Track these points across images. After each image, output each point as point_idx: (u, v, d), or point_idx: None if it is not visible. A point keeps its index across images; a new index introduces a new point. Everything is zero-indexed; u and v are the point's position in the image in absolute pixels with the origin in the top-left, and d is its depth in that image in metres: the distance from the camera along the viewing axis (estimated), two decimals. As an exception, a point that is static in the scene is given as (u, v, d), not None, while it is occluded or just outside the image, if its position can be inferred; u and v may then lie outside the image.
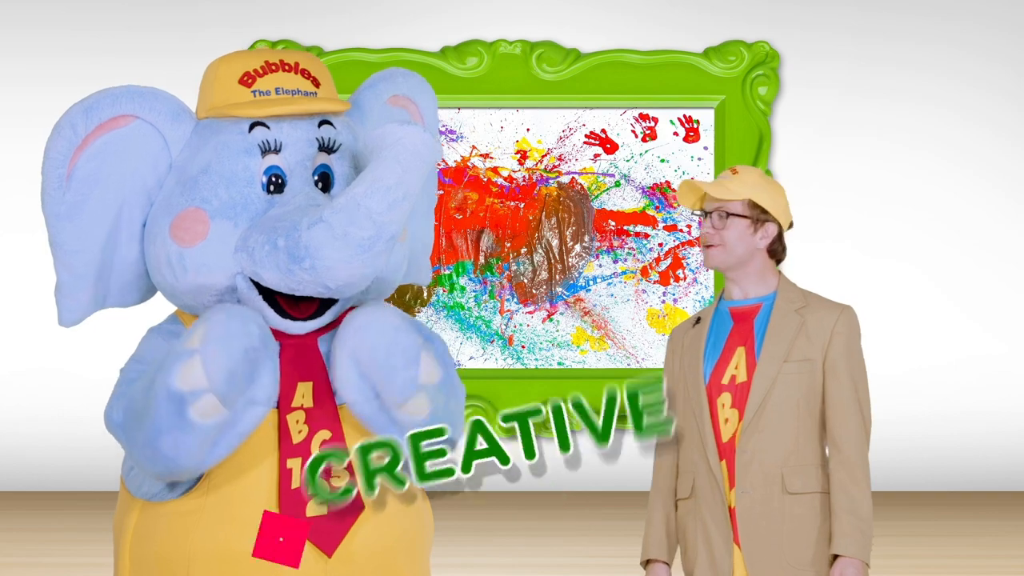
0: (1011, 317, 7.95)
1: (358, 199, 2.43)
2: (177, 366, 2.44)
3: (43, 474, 7.81)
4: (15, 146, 7.95)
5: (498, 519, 7.09)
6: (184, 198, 2.57)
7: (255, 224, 2.55)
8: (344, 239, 2.43)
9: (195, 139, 2.62)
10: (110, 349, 7.84)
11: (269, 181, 2.59)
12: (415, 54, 7.89)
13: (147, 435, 2.47)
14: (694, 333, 3.16)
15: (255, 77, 2.63)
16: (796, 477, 3.05)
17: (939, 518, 7.05)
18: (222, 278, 2.56)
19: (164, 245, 2.58)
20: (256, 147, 2.59)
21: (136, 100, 2.59)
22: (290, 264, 2.48)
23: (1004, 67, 7.94)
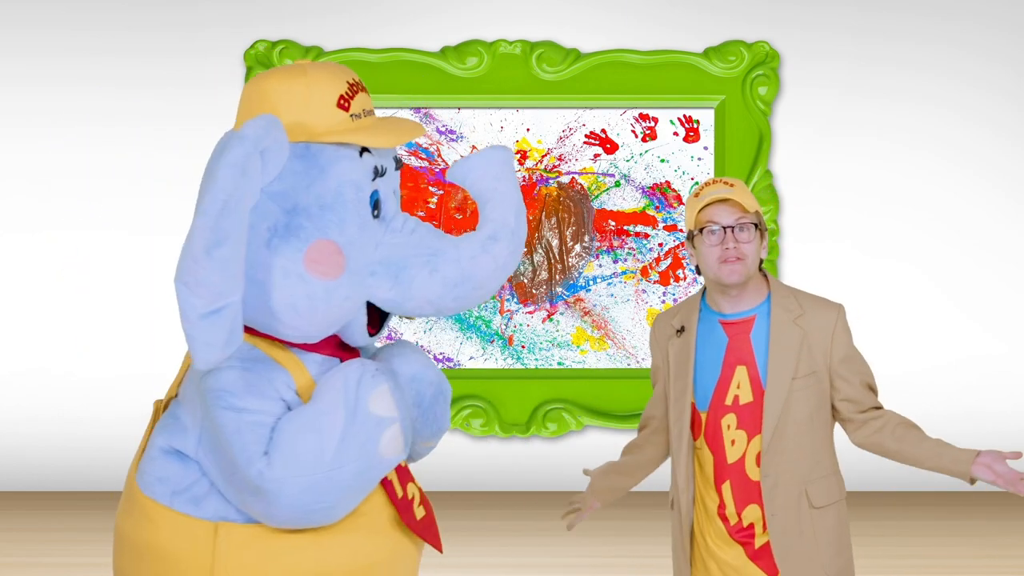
0: (1011, 317, 7.95)
1: (513, 228, 2.60)
2: (381, 434, 2.54)
3: (43, 474, 7.80)
4: (15, 146, 7.95)
5: (498, 519, 7.09)
6: (311, 229, 2.53)
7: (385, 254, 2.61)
8: (504, 269, 2.60)
9: (299, 165, 2.55)
10: (110, 349, 7.87)
11: (374, 204, 2.63)
12: (415, 54, 7.89)
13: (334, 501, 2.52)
14: (681, 345, 3.11)
15: (349, 100, 2.62)
16: (819, 491, 3.05)
17: (939, 518, 7.05)
18: (356, 308, 2.61)
19: (302, 281, 2.52)
20: (371, 172, 2.61)
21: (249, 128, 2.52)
22: (443, 293, 2.60)
23: (1004, 67, 7.94)
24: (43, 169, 7.92)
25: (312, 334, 2.60)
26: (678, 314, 3.18)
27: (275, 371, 2.58)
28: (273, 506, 2.48)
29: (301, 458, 2.47)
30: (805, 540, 3.02)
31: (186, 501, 2.58)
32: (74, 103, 7.87)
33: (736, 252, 3.02)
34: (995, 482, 2.91)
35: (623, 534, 6.41)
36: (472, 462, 7.67)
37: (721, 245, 3.03)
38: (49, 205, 7.92)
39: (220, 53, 7.89)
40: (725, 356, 3.07)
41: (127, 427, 2.73)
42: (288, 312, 2.55)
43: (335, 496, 2.48)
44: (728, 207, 3.03)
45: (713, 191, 3.05)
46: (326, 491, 2.48)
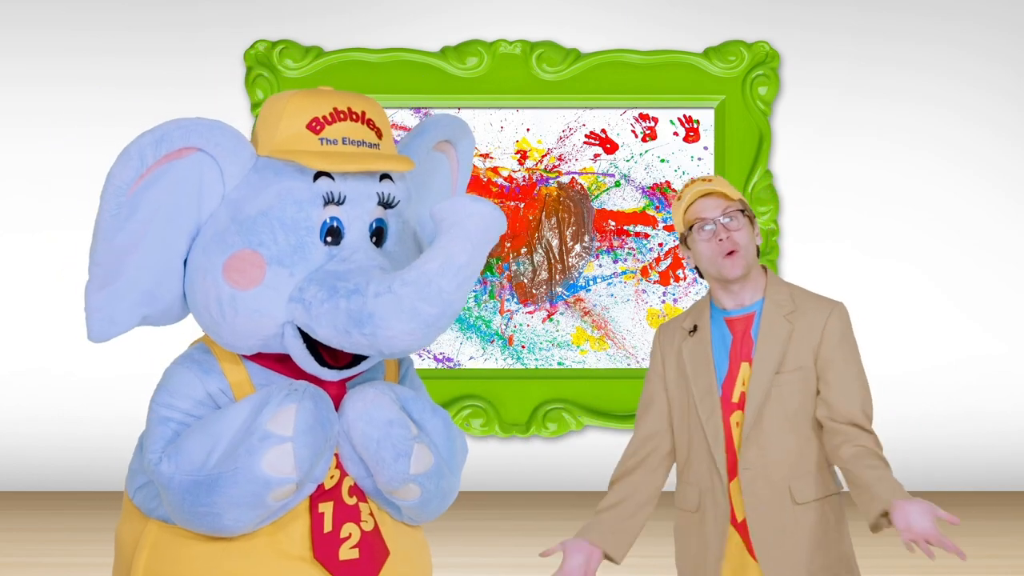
0: (1011, 317, 7.95)
1: (430, 276, 2.43)
2: (266, 451, 2.46)
3: (43, 474, 7.81)
4: (15, 146, 7.95)
5: (498, 519, 7.09)
6: (240, 238, 2.54)
7: (312, 276, 2.54)
8: (411, 313, 2.43)
9: (255, 177, 2.59)
10: (110, 349, 7.85)
11: (328, 232, 2.58)
12: (415, 54, 7.89)
13: (213, 503, 2.48)
14: (695, 343, 3.07)
15: (323, 124, 2.60)
16: (802, 487, 3.02)
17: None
18: (271, 325, 2.55)
19: (216, 284, 2.55)
20: (320, 198, 2.56)
21: (203, 134, 2.56)
22: (349, 326, 2.47)
23: (1004, 67, 7.94)
24: (43, 169, 7.92)
25: (232, 343, 2.60)
26: (688, 316, 3.14)
27: (213, 376, 2.62)
28: (166, 500, 2.55)
29: (189, 456, 2.52)
30: (787, 536, 3.00)
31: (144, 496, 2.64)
32: (74, 103, 7.87)
33: (730, 243, 2.99)
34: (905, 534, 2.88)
35: (623, 534, 6.40)
36: (472, 462, 7.59)
37: (714, 239, 3.01)
38: (49, 205, 7.92)
39: (220, 53, 7.89)
40: (731, 353, 3.05)
41: (127, 427, 2.74)
42: (205, 313, 2.59)
43: (218, 502, 2.47)
44: (712, 199, 3.02)
45: (694, 188, 3.04)
46: (207, 493, 2.47)
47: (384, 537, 2.66)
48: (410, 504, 2.66)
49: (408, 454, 2.59)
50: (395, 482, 2.60)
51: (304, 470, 2.48)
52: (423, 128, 2.96)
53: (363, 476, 2.64)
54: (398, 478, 2.59)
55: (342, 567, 2.58)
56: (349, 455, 2.62)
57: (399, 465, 2.59)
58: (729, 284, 3.04)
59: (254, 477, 2.45)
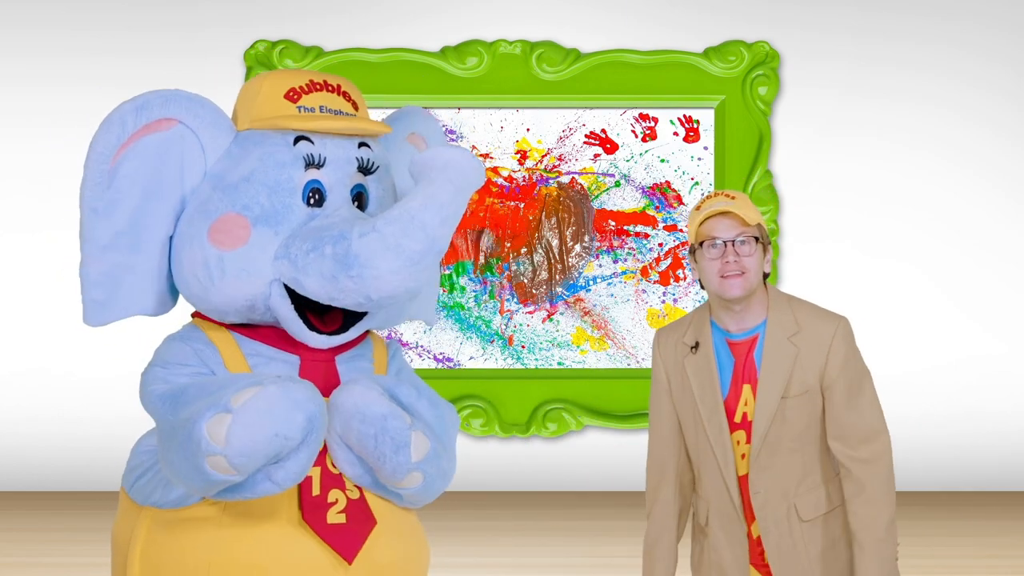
0: (1011, 317, 7.95)
1: (413, 212, 2.46)
2: (212, 413, 2.45)
3: (43, 474, 7.80)
4: (15, 146, 7.95)
5: (498, 519, 7.09)
6: (224, 203, 2.59)
7: (296, 233, 2.57)
8: (396, 250, 2.46)
9: (236, 149, 2.64)
10: (110, 349, 7.86)
11: (310, 195, 2.62)
12: (415, 54, 7.89)
13: (168, 451, 2.51)
14: (700, 361, 3.05)
15: (300, 94, 2.66)
16: (807, 504, 3.02)
17: (939, 518, 7.05)
18: (259, 284, 2.58)
19: (202, 248, 2.59)
20: (301, 159, 2.62)
21: (183, 105, 2.61)
22: (336, 271, 2.50)
23: (1004, 67, 7.94)
24: (43, 169, 7.92)
25: (219, 307, 2.63)
26: (688, 331, 3.11)
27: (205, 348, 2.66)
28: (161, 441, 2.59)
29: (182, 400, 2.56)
30: (798, 552, 3.01)
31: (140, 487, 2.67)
32: (74, 103, 7.86)
33: (737, 266, 2.97)
34: None
35: (622, 534, 6.40)
36: (472, 462, 7.65)
37: (721, 259, 2.98)
38: (49, 205, 7.91)
39: (220, 53, 7.89)
40: (733, 375, 3.04)
41: (127, 427, 2.74)
42: (193, 280, 2.62)
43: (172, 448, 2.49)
44: (729, 220, 2.98)
45: (714, 204, 3.01)
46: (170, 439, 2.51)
47: (371, 507, 2.66)
48: (413, 491, 2.66)
49: (407, 444, 2.60)
50: (399, 474, 2.60)
51: (235, 451, 2.42)
52: (393, 118, 3.02)
53: (361, 474, 2.64)
54: (401, 469, 2.60)
55: (329, 531, 2.59)
56: (345, 458, 2.62)
57: (400, 457, 2.59)
58: (730, 304, 3.02)
59: (192, 436, 2.45)
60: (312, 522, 2.58)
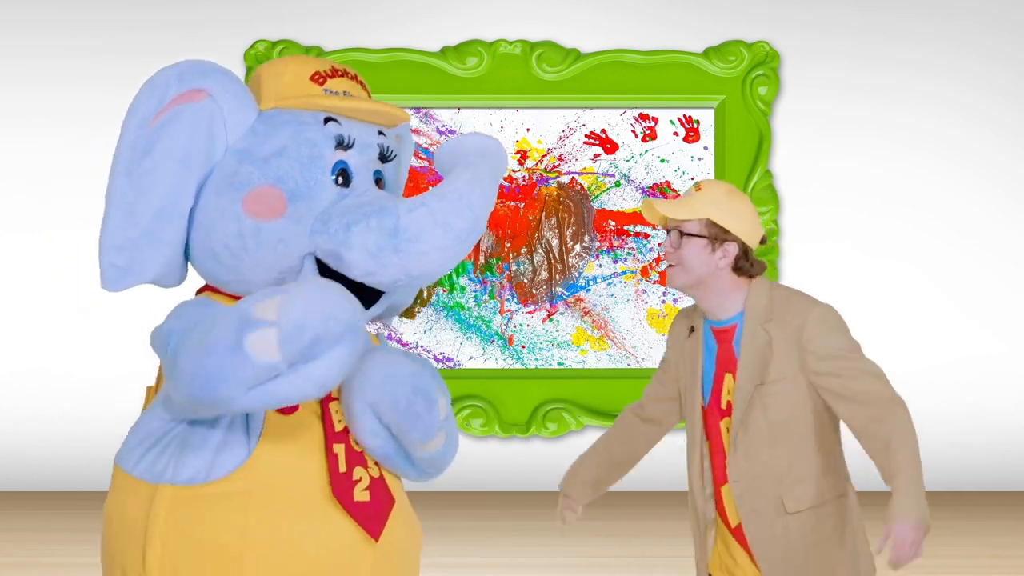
0: (1011, 317, 7.95)
1: (461, 191, 2.50)
2: (256, 298, 2.42)
3: (43, 474, 7.81)
4: (15, 146, 7.95)
5: (498, 519, 7.09)
6: (257, 175, 2.59)
7: (334, 208, 2.58)
8: (444, 227, 2.48)
9: (261, 127, 2.64)
10: (110, 350, 7.86)
11: (338, 174, 2.64)
12: (415, 54, 7.89)
13: (197, 348, 2.43)
14: (691, 345, 3.15)
15: (325, 77, 2.69)
16: (792, 497, 3.02)
17: (939, 518, 7.02)
18: (293, 257, 2.58)
19: (236, 219, 2.58)
20: (332, 139, 2.64)
21: (216, 78, 2.62)
22: (382, 244, 2.50)
23: (1004, 67, 7.94)
24: (43, 169, 7.92)
25: (250, 279, 2.62)
26: (692, 315, 3.21)
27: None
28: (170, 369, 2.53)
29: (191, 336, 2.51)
30: (779, 543, 3.02)
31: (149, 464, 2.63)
32: (74, 103, 7.87)
33: (672, 257, 3.08)
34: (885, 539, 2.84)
35: (623, 534, 6.40)
36: (472, 462, 7.66)
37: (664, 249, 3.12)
38: (49, 205, 7.92)
39: (220, 53, 7.88)
40: (716, 364, 3.09)
41: (127, 427, 2.73)
42: (224, 252, 2.61)
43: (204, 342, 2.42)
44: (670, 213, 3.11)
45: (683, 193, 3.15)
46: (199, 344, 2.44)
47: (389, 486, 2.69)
48: (435, 454, 2.68)
49: (437, 400, 2.62)
50: (431, 431, 2.62)
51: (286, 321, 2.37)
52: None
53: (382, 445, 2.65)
54: (434, 427, 2.62)
55: (356, 508, 2.60)
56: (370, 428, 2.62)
57: (433, 414, 2.61)
58: (689, 292, 3.10)
59: (240, 314, 2.40)
60: (341, 498, 2.58)
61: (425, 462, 2.70)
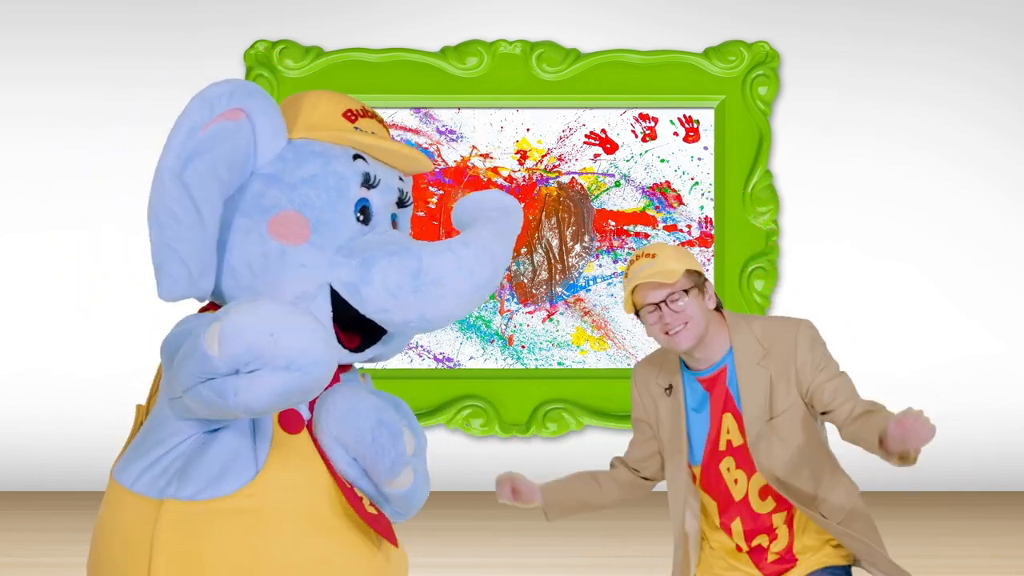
0: (1011, 317, 7.95)
1: (486, 241, 2.54)
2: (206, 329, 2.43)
3: (43, 474, 7.80)
4: (15, 146, 7.95)
5: (498, 519, 7.09)
6: (283, 200, 2.61)
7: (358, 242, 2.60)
8: (468, 273, 2.51)
9: (291, 154, 2.66)
10: (110, 350, 7.86)
11: (360, 211, 2.65)
12: (415, 54, 7.89)
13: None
14: (670, 405, 3.17)
15: (357, 116, 2.72)
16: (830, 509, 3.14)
17: (940, 518, 7.05)
18: (312, 284, 2.59)
19: (261, 240, 2.59)
20: (360, 175, 2.65)
21: (256, 99, 2.64)
22: (402, 283, 2.52)
23: (1004, 67, 7.94)
24: (43, 169, 7.92)
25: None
26: (661, 371, 3.21)
27: None
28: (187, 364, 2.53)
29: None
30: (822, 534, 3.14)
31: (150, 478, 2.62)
32: (74, 103, 7.87)
33: (678, 320, 3.06)
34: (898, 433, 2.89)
35: (623, 534, 6.40)
36: (472, 462, 7.66)
37: (660, 322, 3.07)
38: (49, 205, 7.92)
39: (220, 53, 7.89)
40: (710, 408, 3.12)
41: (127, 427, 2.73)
42: (243, 270, 2.62)
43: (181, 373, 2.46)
44: (652, 287, 3.07)
45: (637, 271, 3.09)
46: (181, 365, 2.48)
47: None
48: (404, 493, 2.66)
49: (402, 433, 2.62)
50: (397, 466, 2.61)
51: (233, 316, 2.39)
52: None
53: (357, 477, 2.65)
54: (400, 461, 2.61)
55: (370, 519, 2.61)
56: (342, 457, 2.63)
57: (398, 447, 2.61)
58: (696, 348, 3.10)
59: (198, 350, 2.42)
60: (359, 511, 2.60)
61: (396, 500, 2.68)
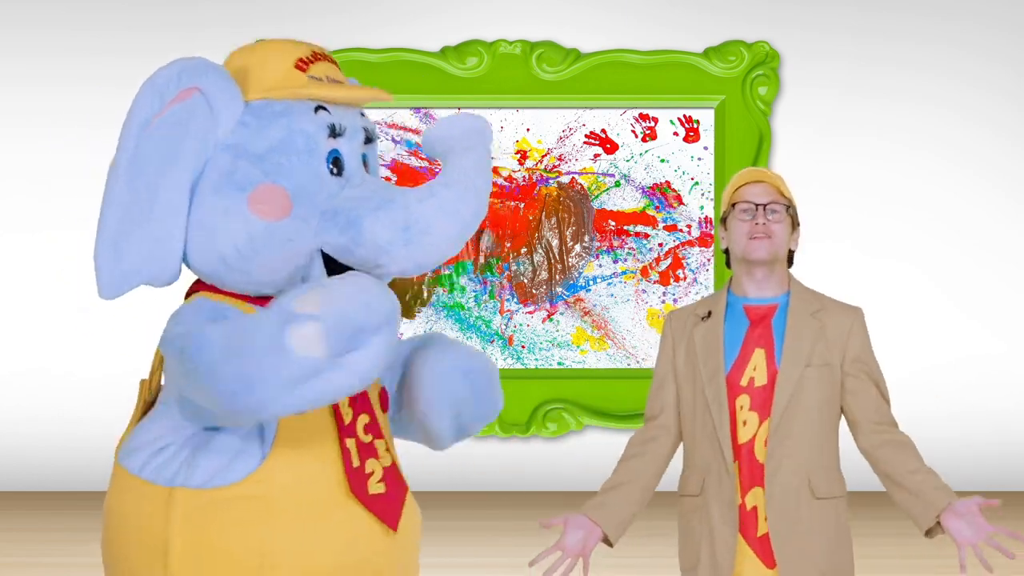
0: (1011, 317, 7.96)
1: (467, 177, 2.52)
2: (294, 294, 2.40)
3: (43, 474, 7.81)
4: (15, 146, 7.96)
5: (498, 519, 7.09)
6: (257, 173, 2.56)
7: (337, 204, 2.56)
8: (454, 215, 2.51)
9: (251, 119, 2.60)
10: (110, 350, 7.86)
11: (333, 162, 2.61)
12: (415, 54, 7.89)
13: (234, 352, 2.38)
14: (707, 328, 3.12)
15: (308, 63, 2.66)
16: (822, 481, 3.06)
17: (939, 518, 7.03)
18: (303, 254, 2.56)
19: (244, 220, 2.54)
20: (325, 128, 2.60)
21: (207, 75, 2.59)
22: (393, 237, 2.50)
23: (1004, 67, 7.94)
24: (43, 169, 7.93)
25: (260, 279, 2.59)
26: (702, 304, 3.21)
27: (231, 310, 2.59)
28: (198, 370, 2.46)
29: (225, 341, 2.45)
30: (802, 529, 3.03)
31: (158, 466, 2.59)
32: (74, 103, 7.87)
33: (765, 229, 3.09)
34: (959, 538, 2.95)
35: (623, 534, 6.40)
36: (472, 462, 7.66)
37: (752, 221, 3.09)
38: (49, 205, 7.92)
39: (220, 53, 7.82)
40: (745, 338, 3.09)
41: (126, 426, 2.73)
42: (233, 255, 2.57)
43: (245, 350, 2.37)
44: (763, 186, 3.13)
45: (749, 172, 3.17)
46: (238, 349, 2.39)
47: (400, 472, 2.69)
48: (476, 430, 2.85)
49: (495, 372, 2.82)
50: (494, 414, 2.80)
51: (330, 313, 2.35)
52: None
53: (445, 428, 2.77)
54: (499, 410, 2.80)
55: (373, 501, 2.58)
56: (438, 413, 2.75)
57: (501, 398, 2.79)
58: (752, 269, 3.08)
59: (280, 311, 2.37)
60: (358, 494, 2.57)
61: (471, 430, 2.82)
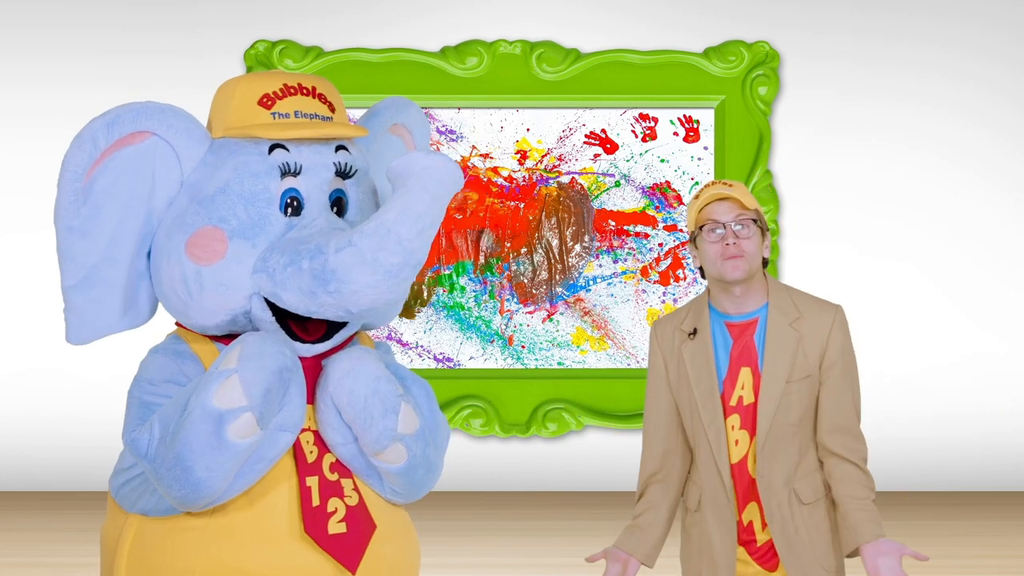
0: (1011, 317, 7.95)
1: (388, 225, 2.44)
2: (214, 385, 2.43)
3: (43, 474, 7.80)
4: (15, 146, 7.95)
5: (498, 519, 7.09)
6: (201, 216, 2.56)
7: (274, 245, 2.55)
8: (373, 264, 2.44)
9: (211, 158, 2.61)
10: (110, 350, 7.84)
11: (287, 204, 2.59)
12: (415, 54, 7.89)
13: (179, 457, 2.45)
14: (696, 346, 3.09)
15: (274, 99, 2.63)
16: (806, 487, 3.07)
17: (939, 518, 7.05)
18: (239, 298, 2.56)
19: (180, 263, 2.56)
20: (276, 168, 2.59)
21: (155, 116, 2.58)
22: (314, 287, 2.48)
23: (1004, 67, 7.94)
24: (43, 169, 7.90)
25: (201, 323, 2.62)
26: (686, 317, 3.15)
27: (188, 361, 2.63)
28: (150, 475, 2.53)
29: (161, 424, 2.52)
30: (801, 536, 3.05)
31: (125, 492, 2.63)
32: (74, 103, 7.85)
33: (736, 248, 3.02)
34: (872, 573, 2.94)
35: (623, 534, 6.40)
36: (472, 462, 7.67)
37: (721, 242, 3.04)
38: (49, 205, 7.89)
39: (220, 53, 7.89)
40: (731, 357, 3.08)
41: (127, 427, 2.75)
42: (171, 296, 2.61)
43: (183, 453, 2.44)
44: (727, 204, 3.06)
45: (712, 191, 3.09)
46: (171, 446, 2.46)
47: (370, 511, 2.64)
48: (396, 470, 2.62)
49: (396, 411, 2.58)
50: (383, 440, 2.57)
51: (256, 398, 2.43)
52: (375, 111, 2.98)
53: (341, 443, 2.61)
54: (386, 435, 2.57)
55: (331, 541, 2.56)
56: (326, 421, 2.60)
57: (387, 421, 2.57)
58: (730, 288, 3.06)
59: (207, 414, 2.42)
60: (313, 533, 2.54)
61: (389, 477, 2.64)
